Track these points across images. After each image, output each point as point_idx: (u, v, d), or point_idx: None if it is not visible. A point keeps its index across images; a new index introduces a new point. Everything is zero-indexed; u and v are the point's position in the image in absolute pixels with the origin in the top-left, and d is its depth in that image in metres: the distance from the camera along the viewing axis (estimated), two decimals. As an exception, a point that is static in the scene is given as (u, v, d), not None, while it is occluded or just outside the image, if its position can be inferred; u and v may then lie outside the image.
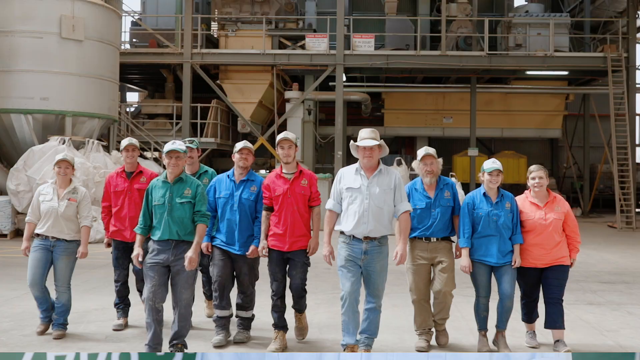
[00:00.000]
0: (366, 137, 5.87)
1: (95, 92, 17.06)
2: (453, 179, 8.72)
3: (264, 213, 6.31)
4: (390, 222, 5.86)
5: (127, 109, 23.48)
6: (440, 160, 6.35)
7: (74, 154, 15.18)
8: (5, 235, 15.03)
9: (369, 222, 5.72)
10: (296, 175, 6.30)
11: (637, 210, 21.51)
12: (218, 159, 24.33)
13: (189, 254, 5.75)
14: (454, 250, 6.34)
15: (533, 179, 6.26)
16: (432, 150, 6.31)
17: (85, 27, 16.61)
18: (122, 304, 7.04)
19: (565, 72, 23.29)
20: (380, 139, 5.90)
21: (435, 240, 6.24)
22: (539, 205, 6.20)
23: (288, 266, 6.35)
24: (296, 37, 22.02)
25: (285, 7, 22.40)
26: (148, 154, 21.15)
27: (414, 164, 6.38)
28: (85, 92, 16.76)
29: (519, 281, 6.31)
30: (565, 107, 25.81)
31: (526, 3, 26.75)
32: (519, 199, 6.34)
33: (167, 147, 5.94)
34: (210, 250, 6.44)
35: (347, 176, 5.91)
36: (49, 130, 16.21)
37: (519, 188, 20.38)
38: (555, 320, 6.17)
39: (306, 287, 6.43)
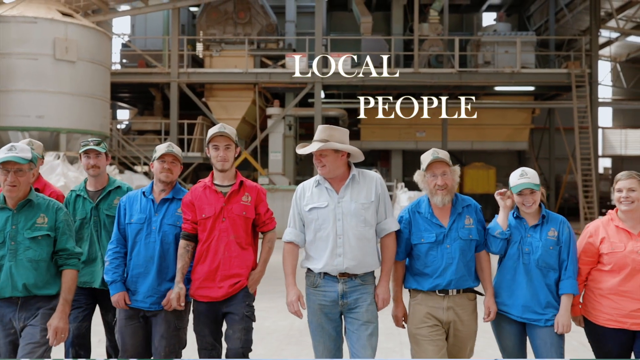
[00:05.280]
0: (315, 138, 4.08)
1: (88, 110, 17.70)
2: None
3: (182, 243, 4.24)
4: (376, 251, 4.11)
5: (118, 126, 24.27)
6: (457, 168, 4.14)
7: (69, 168, 16.02)
8: (4, 246, 15.67)
9: (345, 252, 3.95)
10: (234, 189, 4.25)
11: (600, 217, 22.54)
12: (205, 172, 25.18)
13: (54, 322, 3.68)
14: (480, 309, 4.20)
15: (619, 191, 3.96)
16: (443, 154, 4.08)
17: (78, 49, 17.26)
18: None
19: (532, 88, 23.80)
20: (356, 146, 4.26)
21: (454, 293, 4.03)
22: (631, 233, 3.96)
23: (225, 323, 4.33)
24: (277, 56, 22.91)
25: (267, 28, 23.28)
26: (138, 168, 22.01)
27: (417, 176, 4.16)
28: (79, 110, 17.39)
29: (594, 350, 4.16)
30: (531, 121, 26.56)
31: (494, 22, 27.59)
32: (602, 221, 4.12)
33: (1, 154, 3.76)
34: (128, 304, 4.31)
35: (309, 193, 4.11)
36: (44, 147, 16.88)
37: (488, 198, 21.29)
38: None
39: (249, 355, 4.23)
